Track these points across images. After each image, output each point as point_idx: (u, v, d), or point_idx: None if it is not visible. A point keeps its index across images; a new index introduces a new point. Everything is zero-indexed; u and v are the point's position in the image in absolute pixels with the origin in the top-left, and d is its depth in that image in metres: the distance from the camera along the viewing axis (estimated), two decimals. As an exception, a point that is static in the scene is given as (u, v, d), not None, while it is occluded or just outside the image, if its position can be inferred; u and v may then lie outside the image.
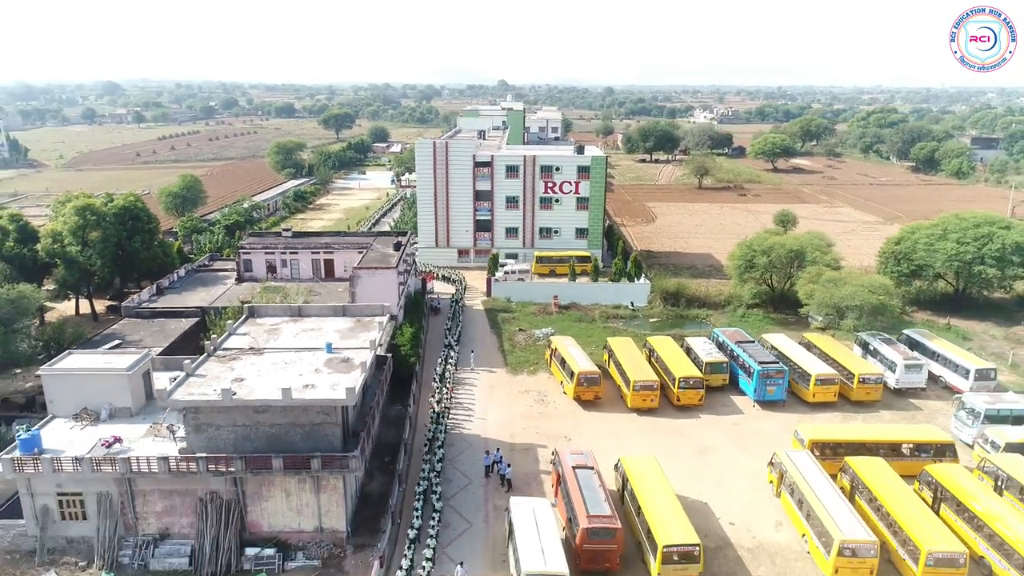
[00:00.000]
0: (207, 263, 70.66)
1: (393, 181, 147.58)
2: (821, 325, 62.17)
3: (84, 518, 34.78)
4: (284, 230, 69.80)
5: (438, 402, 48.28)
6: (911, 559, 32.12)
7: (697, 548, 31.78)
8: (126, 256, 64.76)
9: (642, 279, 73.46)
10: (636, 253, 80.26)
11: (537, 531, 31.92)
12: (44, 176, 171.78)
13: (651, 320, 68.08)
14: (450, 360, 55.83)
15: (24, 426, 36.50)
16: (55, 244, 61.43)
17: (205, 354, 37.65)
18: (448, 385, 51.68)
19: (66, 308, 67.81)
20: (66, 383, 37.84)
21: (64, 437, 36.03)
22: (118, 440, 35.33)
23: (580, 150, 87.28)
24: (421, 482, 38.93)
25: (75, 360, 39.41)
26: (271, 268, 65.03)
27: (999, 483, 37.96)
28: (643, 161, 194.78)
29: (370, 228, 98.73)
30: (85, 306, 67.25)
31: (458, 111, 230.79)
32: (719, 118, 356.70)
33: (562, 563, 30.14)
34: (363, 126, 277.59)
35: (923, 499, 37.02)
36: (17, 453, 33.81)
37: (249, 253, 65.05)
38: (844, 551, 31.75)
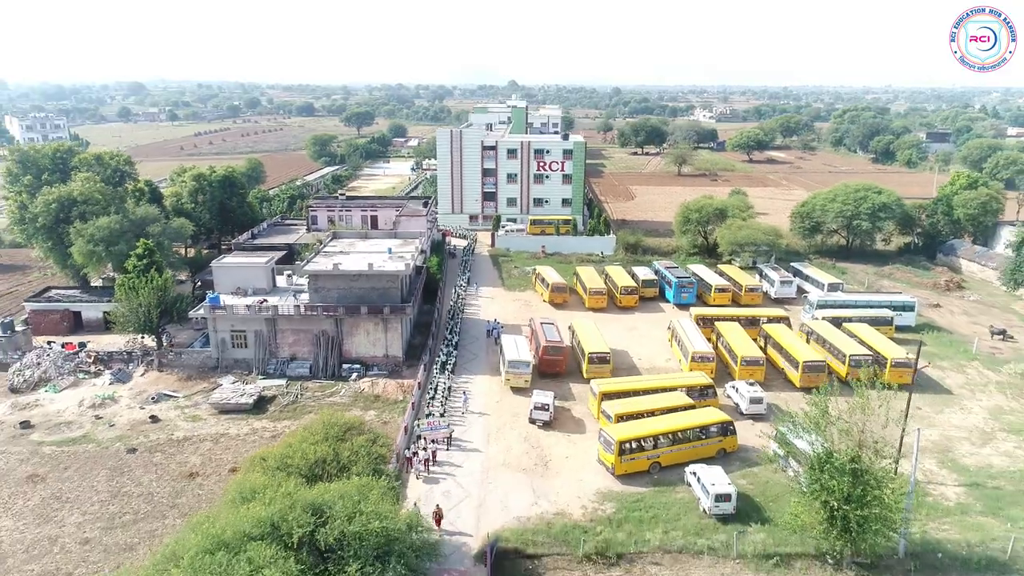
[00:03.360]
0: (280, 220, 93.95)
1: (413, 169, 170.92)
2: (735, 262, 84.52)
3: (246, 346, 57.94)
4: (340, 194, 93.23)
5: (455, 304, 71.19)
6: (733, 362, 54.96)
7: (608, 355, 54.72)
8: (225, 212, 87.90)
9: (609, 234, 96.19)
10: (605, 215, 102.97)
11: (516, 345, 54.94)
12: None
13: (614, 264, 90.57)
14: (461, 284, 78.90)
15: (210, 291, 59.60)
16: (177, 202, 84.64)
17: (315, 252, 60.88)
18: (463, 292, 74.82)
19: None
20: (227, 271, 61.12)
21: (228, 303, 59.17)
22: (265, 301, 58.54)
23: (565, 137, 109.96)
24: (448, 334, 62.07)
25: (230, 259, 62.83)
26: (331, 221, 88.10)
27: (809, 336, 60.53)
28: (635, 154, 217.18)
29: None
30: (191, 252, 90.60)
31: (469, 110, 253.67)
32: (717, 116, 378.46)
33: (529, 356, 53.23)
34: (380, 124, 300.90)
35: (758, 344, 59.54)
36: (208, 305, 57.08)
37: (315, 210, 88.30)
38: (695, 358, 54.53)
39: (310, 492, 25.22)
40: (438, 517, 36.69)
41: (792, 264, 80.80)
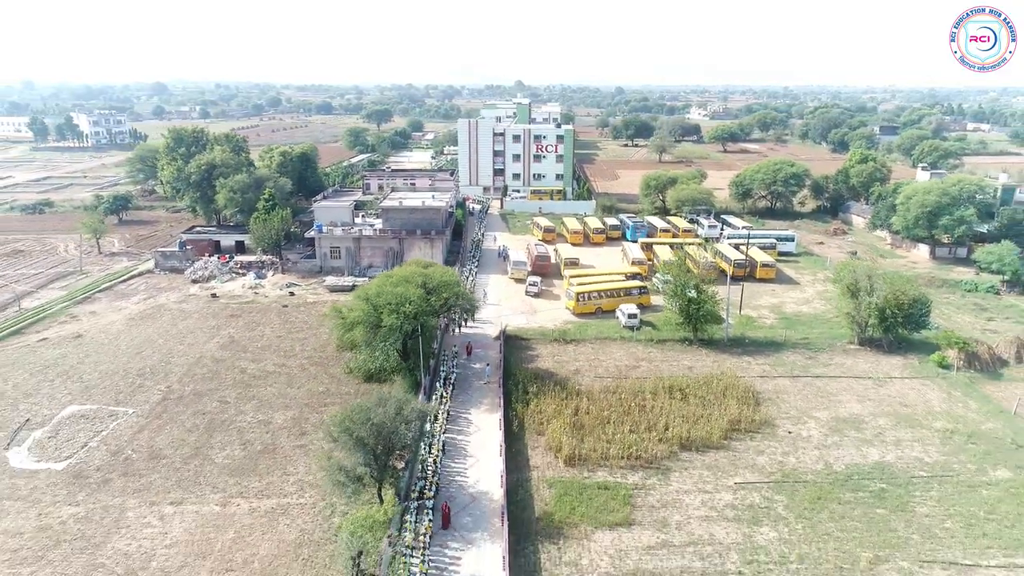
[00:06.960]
0: (340, 188, 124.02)
1: (433, 157, 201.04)
2: (681, 215, 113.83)
3: (339, 258, 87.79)
4: (386, 167, 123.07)
5: (475, 240, 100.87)
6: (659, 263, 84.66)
7: (578, 259, 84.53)
8: (302, 180, 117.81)
9: (591, 200, 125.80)
10: (588, 186, 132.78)
11: (517, 254, 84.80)
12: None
13: (591, 217, 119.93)
14: (479, 231, 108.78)
15: (316, 222, 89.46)
16: (268, 171, 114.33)
17: (383, 196, 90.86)
18: (481, 235, 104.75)
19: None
20: (324, 210, 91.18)
21: (328, 229, 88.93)
22: (353, 227, 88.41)
23: (558, 125, 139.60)
24: (471, 256, 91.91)
25: (324, 202, 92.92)
26: (380, 187, 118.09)
27: (716, 254, 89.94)
28: (625, 145, 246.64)
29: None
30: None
31: (478, 108, 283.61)
32: (711, 114, 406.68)
33: (526, 260, 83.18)
34: (397, 121, 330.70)
35: (679, 258, 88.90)
36: (316, 230, 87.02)
37: (368, 179, 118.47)
38: (634, 261, 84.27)
39: (421, 272, 55.32)
40: (469, 350, 64.84)
41: (721, 216, 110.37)
